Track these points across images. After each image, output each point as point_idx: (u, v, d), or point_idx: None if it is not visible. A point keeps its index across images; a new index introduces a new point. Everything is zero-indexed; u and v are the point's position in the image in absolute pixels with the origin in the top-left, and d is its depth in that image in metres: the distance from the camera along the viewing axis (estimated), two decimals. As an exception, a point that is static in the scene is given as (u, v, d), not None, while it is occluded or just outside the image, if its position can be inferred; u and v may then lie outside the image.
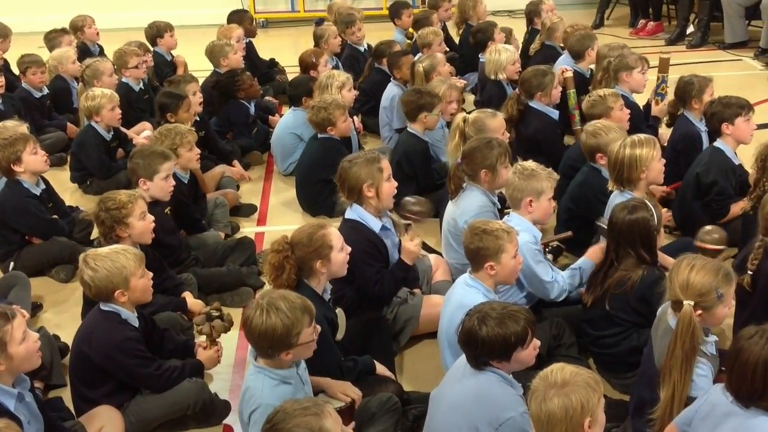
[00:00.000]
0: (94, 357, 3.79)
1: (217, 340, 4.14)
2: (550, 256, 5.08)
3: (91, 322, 3.91)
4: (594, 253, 4.43)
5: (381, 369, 3.99)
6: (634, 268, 4.00)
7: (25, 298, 4.82)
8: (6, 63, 8.23)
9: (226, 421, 4.02)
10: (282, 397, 3.19)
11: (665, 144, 5.87)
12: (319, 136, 6.07)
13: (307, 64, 7.43)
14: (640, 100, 6.48)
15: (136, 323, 3.89)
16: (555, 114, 6.17)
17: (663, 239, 4.16)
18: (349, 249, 3.96)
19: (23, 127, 5.85)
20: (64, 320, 4.78)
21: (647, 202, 4.12)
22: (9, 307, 3.40)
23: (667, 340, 3.36)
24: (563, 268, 4.60)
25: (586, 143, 5.09)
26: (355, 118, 7.31)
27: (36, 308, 5.01)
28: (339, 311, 3.92)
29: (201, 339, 4.23)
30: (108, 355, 3.78)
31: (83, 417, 3.79)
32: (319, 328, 3.37)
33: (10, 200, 5.33)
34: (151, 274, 3.97)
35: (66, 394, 4.01)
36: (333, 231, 3.91)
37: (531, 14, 8.75)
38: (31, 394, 3.42)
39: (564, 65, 6.93)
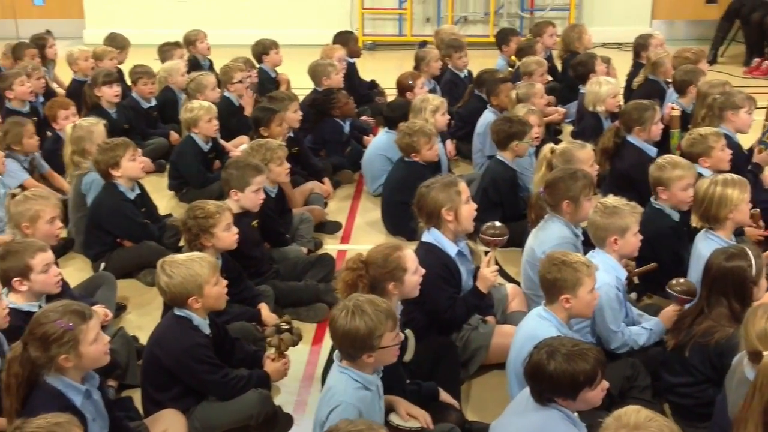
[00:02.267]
0: (164, 360, 3.87)
1: (285, 353, 4.17)
2: (633, 295, 4.92)
3: (163, 326, 4.00)
4: (667, 316, 4.25)
5: (444, 396, 3.94)
6: (724, 322, 3.80)
7: (110, 298, 4.98)
8: (121, 73, 8.59)
9: (289, 434, 4.04)
10: (362, 400, 3.27)
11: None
12: (405, 159, 6.08)
13: (403, 86, 7.47)
14: (745, 141, 6.22)
15: (207, 330, 3.95)
16: (652, 151, 5.97)
17: (764, 291, 3.94)
18: (422, 272, 3.93)
19: (101, 125, 6.07)
20: (146, 322, 4.90)
21: (749, 250, 3.90)
22: (88, 307, 3.49)
23: (743, 390, 3.18)
24: (646, 309, 4.44)
25: (652, 175, 4.93)
26: (448, 142, 7.32)
27: (120, 309, 5.17)
28: (409, 332, 3.89)
29: (270, 351, 4.26)
30: (177, 359, 3.85)
31: (149, 419, 3.87)
32: (401, 336, 3.37)
33: (105, 202, 5.54)
34: (225, 282, 4.03)
35: (138, 395, 4.10)
36: (408, 253, 3.89)
37: (639, 47, 8.55)
38: (99, 391, 3.51)
39: (673, 102, 6.74)
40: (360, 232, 6.32)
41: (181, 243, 5.49)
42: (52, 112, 6.97)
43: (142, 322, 5.01)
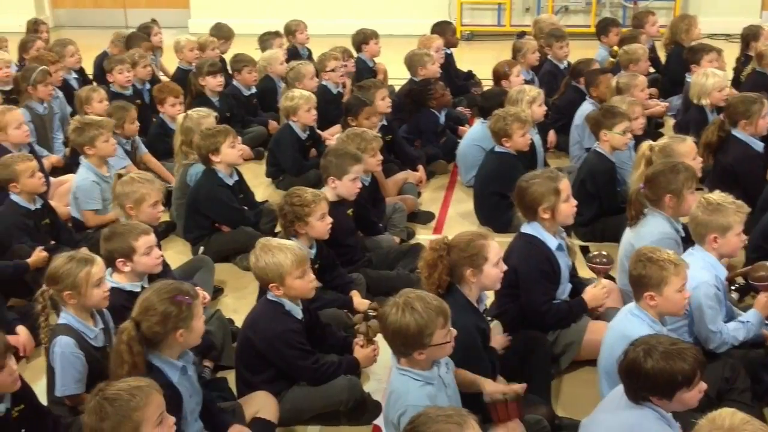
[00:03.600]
0: (257, 343, 3.95)
1: (373, 339, 4.19)
2: (735, 295, 4.75)
3: (257, 310, 4.09)
4: (762, 304, 4.10)
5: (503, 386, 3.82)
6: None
7: (208, 281, 5.12)
8: (224, 62, 8.79)
9: (377, 421, 4.06)
10: (427, 396, 3.24)
11: None
12: (496, 149, 6.03)
13: (499, 74, 7.41)
14: None
15: (299, 316, 4.02)
16: (759, 146, 5.76)
17: None
18: (504, 267, 3.89)
19: (211, 118, 6.23)
20: (241, 306, 5.00)
21: None
22: (191, 286, 3.62)
23: None
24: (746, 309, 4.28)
25: None
26: (551, 133, 7.24)
27: (217, 292, 5.30)
28: (495, 323, 3.86)
29: (359, 337, 4.29)
30: (269, 343, 3.93)
31: (242, 399, 3.96)
32: (454, 331, 3.34)
33: (204, 188, 5.69)
34: (312, 277, 4.05)
35: (232, 376, 4.20)
36: (493, 244, 3.86)
37: (747, 38, 8.25)
38: (194, 368, 3.62)
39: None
40: (453, 223, 6.30)
41: (277, 228, 5.62)
42: (162, 96, 7.20)
43: (238, 305, 5.12)
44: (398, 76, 8.50)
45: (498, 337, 4.15)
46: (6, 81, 7.75)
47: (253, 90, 8.16)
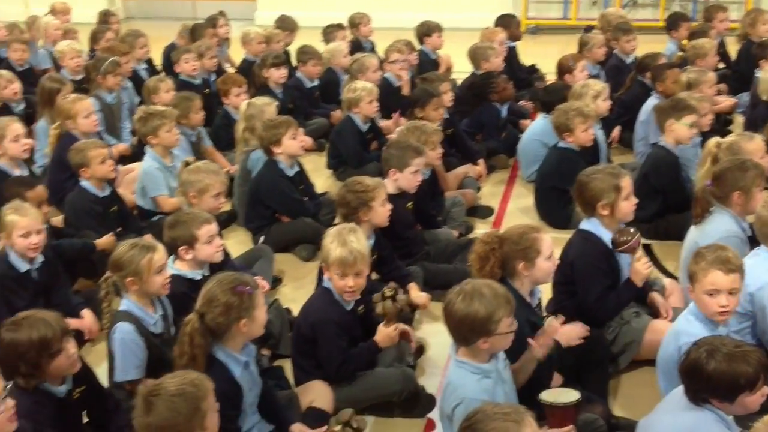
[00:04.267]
0: (303, 328, 4.00)
1: (393, 319, 4.07)
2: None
3: (312, 296, 4.15)
4: None
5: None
6: None
7: (267, 271, 5.18)
8: (288, 54, 8.88)
9: (431, 415, 4.06)
10: (485, 390, 3.23)
11: None
12: (559, 145, 5.97)
13: (563, 68, 7.33)
14: None
15: (347, 306, 4.03)
16: (831, 143, 5.57)
17: None
18: (556, 260, 3.86)
19: (273, 106, 6.32)
20: (299, 295, 5.02)
21: None
22: (251, 277, 3.67)
23: None
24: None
25: None
26: (617, 129, 7.14)
27: (276, 281, 5.36)
28: (550, 319, 3.82)
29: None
30: (311, 328, 3.97)
31: (298, 388, 4.01)
32: (516, 323, 3.31)
33: (265, 178, 5.77)
34: (365, 274, 4.04)
35: (289, 365, 4.25)
36: (545, 237, 3.83)
37: (821, 33, 7.99)
38: (255, 361, 3.67)
39: None
40: (512, 218, 6.24)
41: (336, 220, 5.65)
42: (226, 87, 7.31)
43: (296, 295, 5.17)
44: (462, 69, 8.45)
45: (566, 328, 4.02)
46: (77, 71, 7.95)
47: (316, 82, 8.22)
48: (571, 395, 3.41)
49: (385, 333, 4.05)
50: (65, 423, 3.39)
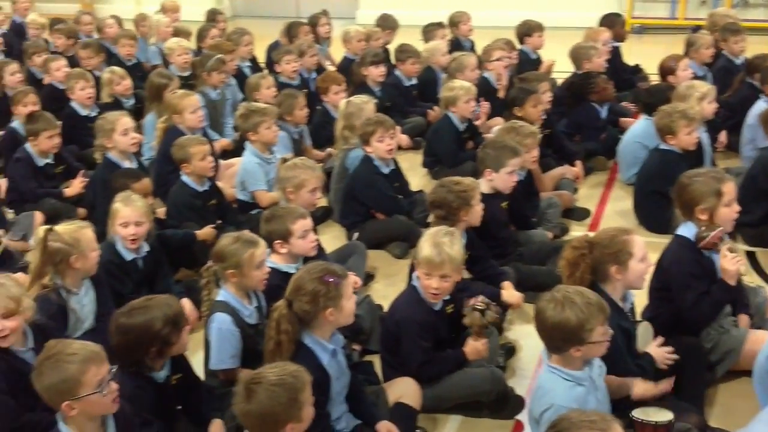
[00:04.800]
0: (390, 325, 4.03)
1: (483, 332, 4.04)
2: None
3: (400, 294, 4.18)
4: None
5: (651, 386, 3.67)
6: None
7: (360, 267, 5.24)
8: (387, 53, 8.94)
9: (519, 417, 4.04)
10: (576, 399, 3.18)
11: None
12: (660, 146, 5.82)
13: (666, 69, 7.17)
14: None
15: (435, 306, 4.03)
16: None
17: None
18: (650, 262, 3.76)
19: (371, 104, 6.39)
20: (391, 292, 5.04)
21: None
22: (342, 267, 3.72)
23: None
24: None
25: None
26: (723, 133, 6.92)
27: (368, 278, 5.41)
28: (644, 324, 3.74)
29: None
30: (397, 325, 3.99)
31: (386, 384, 4.03)
32: (610, 331, 3.26)
33: (361, 175, 5.85)
34: (452, 280, 4.02)
35: (379, 361, 4.26)
36: (637, 239, 3.75)
37: None
38: (343, 351, 3.72)
39: None
40: (609, 221, 6.12)
41: (430, 219, 5.66)
42: (325, 85, 7.43)
43: (388, 291, 5.19)
44: (564, 69, 8.34)
45: (657, 350, 3.94)
46: (185, 67, 8.21)
47: (414, 81, 8.25)
48: (664, 415, 3.36)
49: (473, 347, 4.04)
50: (162, 407, 3.52)
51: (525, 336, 4.62)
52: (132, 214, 4.64)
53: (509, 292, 4.79)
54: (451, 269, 3.95)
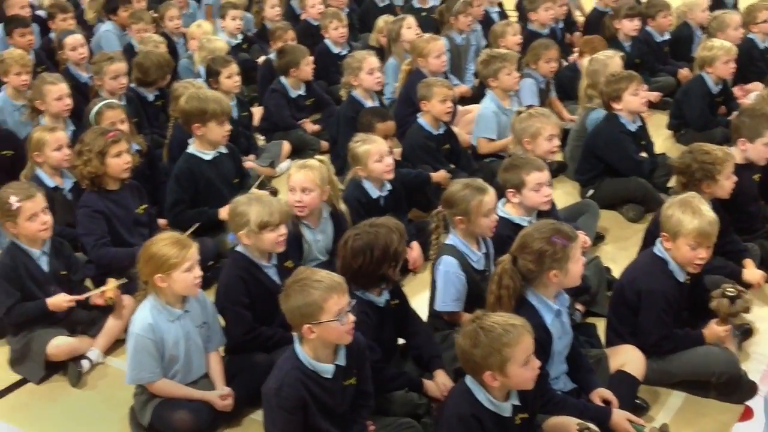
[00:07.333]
0: (627, 293, 3.87)
1: (728, 319, 3.81)
2: None
3: (638, 260, 4.02)
4: None
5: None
6: None
7: (591, 226, 5.09)
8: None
9: (750, 403, 3.80)
10: None
11: None
12: None
13: None
14: None
15: (681, 278, 3.83)
16: None
17: None
18: None
19: (617, 59, 6.13)
20: (621, 256, 4.91)
21: None
22: (573, 229, 3.61)
23: None
24: None
25: None
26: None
27: (598, 238, 5.23)
28: None
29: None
30: (637, 296, 3.82)
31: (609, 349, 3.91)
32: None
33: (604, 132, 5.64)
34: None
35: (601, 324, 4.14)
36: None
37: None
38: (567, 311, 3.65)
39: None
40: None
41: (670, 183, 5.39)
42: (585, 50, 7.03)
43: (618, 255, 5.04)
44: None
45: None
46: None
47: (667, 36, 7.80)
48: None
49: (714, 331, 3.84)
50: (382, 329, 3.66)
51: (763, 319, 4.34)
52: (381, 149, 4.83)
53: (751, 271, 4.52)
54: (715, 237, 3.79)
